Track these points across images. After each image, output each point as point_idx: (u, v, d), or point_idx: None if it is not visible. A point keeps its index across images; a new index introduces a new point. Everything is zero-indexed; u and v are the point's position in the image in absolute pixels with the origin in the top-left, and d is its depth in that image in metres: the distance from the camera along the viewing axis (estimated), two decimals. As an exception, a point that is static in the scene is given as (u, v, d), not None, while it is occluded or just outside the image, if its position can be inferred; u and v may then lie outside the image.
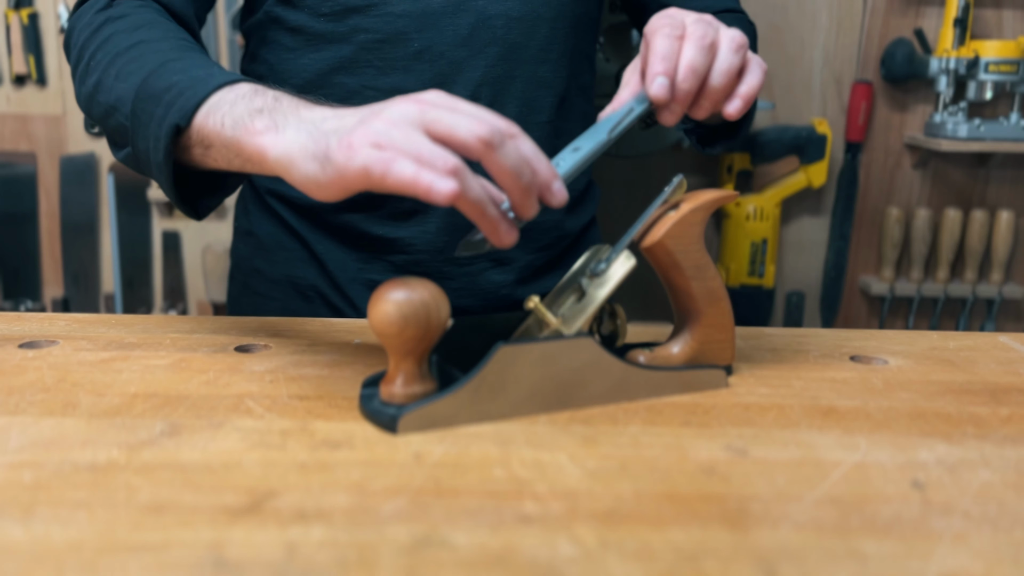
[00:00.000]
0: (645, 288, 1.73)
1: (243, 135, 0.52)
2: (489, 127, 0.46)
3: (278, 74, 0.79)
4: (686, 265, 0.55)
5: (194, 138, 0.56)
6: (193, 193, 0.62)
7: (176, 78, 0.58)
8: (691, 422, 0.50)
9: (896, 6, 1.62)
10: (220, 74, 0.58)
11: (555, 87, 0.80)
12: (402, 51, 0.75)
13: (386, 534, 0.37)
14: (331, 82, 0.77)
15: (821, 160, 1.63)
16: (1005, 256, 1.67)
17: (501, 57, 0.76)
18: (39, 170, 1.76)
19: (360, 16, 0.75)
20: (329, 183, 0.48)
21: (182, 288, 1.79)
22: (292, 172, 0.49)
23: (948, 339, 0.69)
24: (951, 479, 0.44)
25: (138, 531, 0.37)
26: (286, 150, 0.50)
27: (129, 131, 0.60)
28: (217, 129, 0.54)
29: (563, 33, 0.79)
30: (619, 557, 0.36)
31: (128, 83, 0.60)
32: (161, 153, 0.56)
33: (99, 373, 0.56)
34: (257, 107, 0.53)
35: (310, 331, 0.67)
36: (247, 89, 0.55)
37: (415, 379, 0.49)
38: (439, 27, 0.75)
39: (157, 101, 0.57)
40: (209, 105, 0.55)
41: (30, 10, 1.68)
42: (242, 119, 0.53)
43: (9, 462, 0.43)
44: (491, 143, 0.46)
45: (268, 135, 0.51)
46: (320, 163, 0.48)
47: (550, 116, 0.80)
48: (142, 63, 0.61)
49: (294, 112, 0.52)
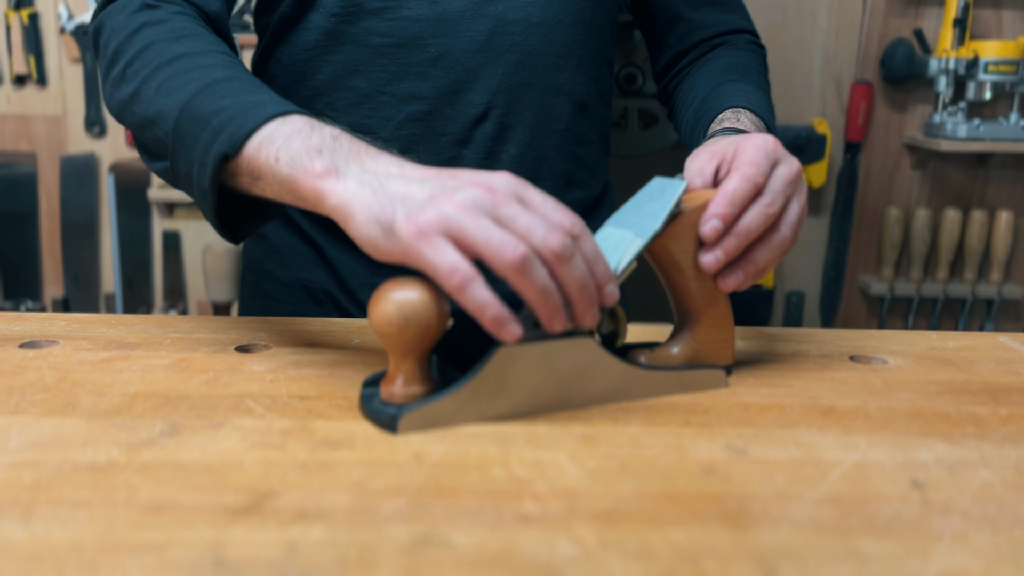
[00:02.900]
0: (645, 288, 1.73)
1: (300, 175, 0.51)
2: (561, 239, 0.46)
3: (291, 75, 0.79)
4: (686, 265, 0.55)
5: (243, 167, 0.54)
6: (233, 216, 0.61)
7: (226, 102, 0.56)
8: (691, 422, 0.50)
9: (896, 6, 1.62)
10: (272, 102, 0.56)
11: (573, 93, 0.79)
12: (418, 56, 0.74)
13: (386, 534, 0.37)
14: (345, 85, 0.77)
15: (820, 160, 1.63)
16: (1004, 256, 1.67)
17: (519, 64, 0.75)
18: (39, 170, 1.76)
19: (375, 19, 0.74)
20: (389, 253, 0.47)
21: (182, 288, 1.79)
22: (350, 226, 0.49)
23: (947, 339, 0.69)
24: (951, 479, 0.44)
25: (138, 531, 0.37)
26: (346, 201, 0.49)
27: (170, 148, 0.59)
28: (270, 163, 0.53)
29: (583, 38, 0.78)
30: (619, 557, 0.36)
31: (172, 99, 0.58)
32: (207, 180, 0.55)
33: (99, 373, 0.56)
34: (315, 146, 0.52)
35: (310, 331, 0.67)
36: (302, 123, 0.54)
37: (415, 379, 0.49)
38: (456, 32, 0.74)
39: (204, 124, 0.56)
40: (261, 136, 0.53)
41: (30, 10, 1.68)
42: (299, 157, 0.51)
43: (9, 462, 0.43)
44: (563, 256, 0.46)
45: (328, 180, 0.50)
46: (383, 231, 0.47)
47: (568, 123, 0.79)
48: (187, 79, 0.59)
49: (356, 159, 0.51)
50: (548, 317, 0.48)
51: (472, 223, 0.45)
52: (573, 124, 0.80)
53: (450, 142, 0.77)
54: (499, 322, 0.46)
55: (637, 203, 0.56)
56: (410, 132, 0.77)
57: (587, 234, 0.48)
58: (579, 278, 0.47)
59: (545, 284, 0.46)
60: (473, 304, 0.45)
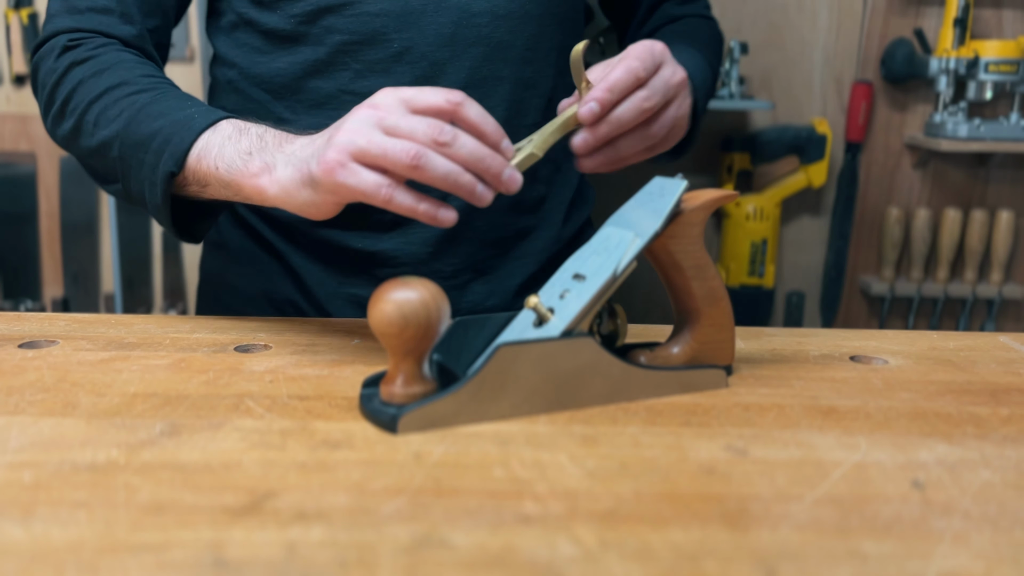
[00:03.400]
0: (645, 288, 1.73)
1: (240, 178, 0.59)
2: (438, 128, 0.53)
3: (249, 78, 0.76)
4: (686, 265, 0.55)
5: (190, 179, 0.62)
6: (188, 220, 0.68)
7: (158, 124, 0.63)
8: (691, 422, 0.50)
9: (896, 6, 1.62)
10: (199, 114, 0.63)
11: (542, 87, 0.77)
12: (381, 52, 0.72)
13: (386, 534, 0.37)
14: (305, 86, 0.74)
15: (821, 160, 1.63)
16: (1005, 256, 1.67)
17: (486, 57, 0.73)
18: (39, 170, 1.76)
19: (334, 16, 0.72)
20: (322, 203, 0.55)
21: (182, 288, 1.79)
22: (291, 204, 0.57)
23: (948, 339, 0.69)
24: (951, 479, 0.44)
25: (138, 531, 0.37)
26: (282, 187, 0.57)
27: (119, 173, 0.65)
28: (212, 171, 0.60)
29: (550, 30, 0.77)
30: (619, 557, 0.36)
31: (109, 130, 0.65)
32: (159, 197, 0.62)
33: (99, 373, 0.56)
34: (245, 148, 0.59)
35: (310, 331, 0.67)
36: (230, 129, 0.61)
37: (415, 379, 0.49)
38: (420, 26, 0.72)
39: (144, 148, 0.63)
40: (198, 149, 0.61)
41: (30, 10, 1.68)
42: (235, 163, 0.59)
43: (9, 462, 0.43)
44: (445, 142, 0.53)
45: (264, 176, 0.58)
46: (311, 188, 0.55)
47: (537, 118, 0.77)
48: (118, 109, 0.65)
49: (279, 148, 0.58)
50: (467, 196, 0.54)
51: (365, 140, 0.53)
52: (543, 119, 0.77)
53: None
54: (432, 213, 0.54)
55: (637, 203, 0.56)
56: None
57: (467, 101, 0.55)
58: (469, 152, 0.54)
59: (447, 169, 0.53)
60: (404, 207, 0.53)
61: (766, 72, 1.65)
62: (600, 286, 0.52)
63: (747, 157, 1.63)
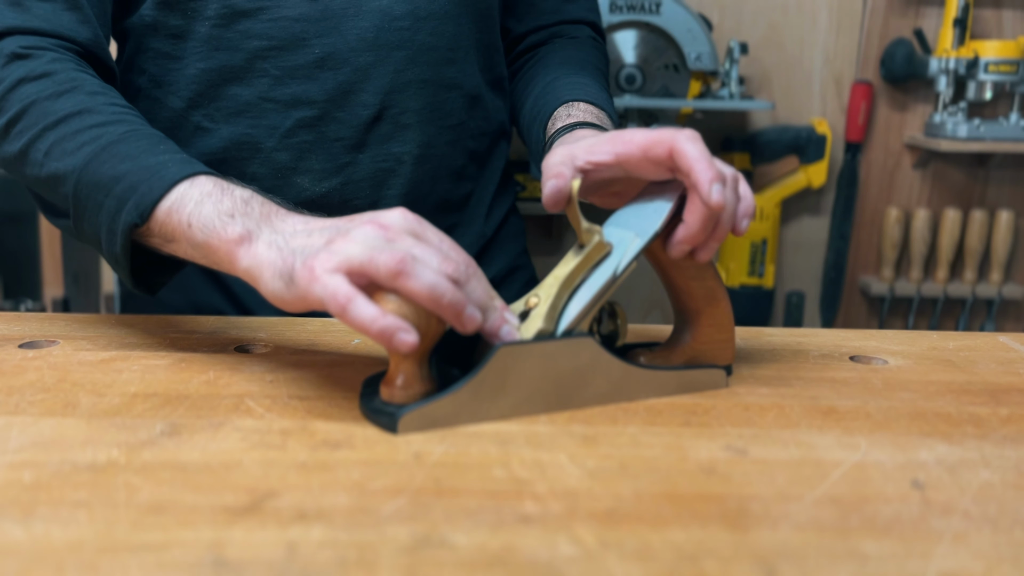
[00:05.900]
0: (645, 288, 1.73)
1: (215, 241, 0.52)
2: (455, 266, 0.48)
3: (161, 86, 0.73)
4: (686, 265, 0.55)
5: (155, 231, 0.55)
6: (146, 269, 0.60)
7: (125, 166, 0.56)
8: (691, 422, 0.50)
9: (896, 6, 1.62)
10: (173, 162, 0.56)
11: (465, 87, 0.76)
12: (302, 58, 0.70)
13: (386, 534, 0.37)
14: (223, 94, 0.71)
15: (821, 160, 1.63)
16: (1005, 256, 1.67)
17: (410, 60, 0.72)
18: (39, 170, 1.76)
19: (250, 21, 0.69)
20: (293, 301, 0.48)
21: (182, 288, 1.79)
22: (259, 284, 0.50)
23: (948, 339, 0.69)
24: (951, 479, 0.44)
25: (138, 531, 0.37)
26: (256, 264, 0.50)
27: (72, 211, 0.58)
28: (183, 228, 0.53)
29: (469, 28, 0.76)
30: (619, 557, 0.36)
31: (65, 163, 0.58)
32: (118, 247, 0.55)
33: (99, 373, 0.56)
34: (227, 210, 0.53)
35: (310, 331, 0.67)
36: (211, 186, 0.54)
37: (415, 379, 0.49)
38: (341, 31, 0.70)
39: (106, 191, 0.56)
40: (171, 201, 0.54)
41: None
42: (212, 223, 0.52)
43: (9, 462, 0.43)
44: (458, 280, 0.47)
45: (242, 246, 0.51)
46: (285, 283, 0.48)
47: (461, 118, 0.77)
48: (78, 141, 0.58)
49: (267, 222, 0.52)
50: (451, 318, 0.47)
51: (357, 251, 0.46)
52: (466, 118, 0.78)
53: (344, 147, 0.73)
54: (387, 334, 0.45)
55: (637, 203, 0.56)
56: (300, 140, 0.73)
57: (479, 273, 0.50)
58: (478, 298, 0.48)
59: (434, 282, 0.46)
60: (357, 321, 0.45)
61: (766, 72, 1.65)
62: (600, 286, 0.52)
63: (747, 157, 1.63)
